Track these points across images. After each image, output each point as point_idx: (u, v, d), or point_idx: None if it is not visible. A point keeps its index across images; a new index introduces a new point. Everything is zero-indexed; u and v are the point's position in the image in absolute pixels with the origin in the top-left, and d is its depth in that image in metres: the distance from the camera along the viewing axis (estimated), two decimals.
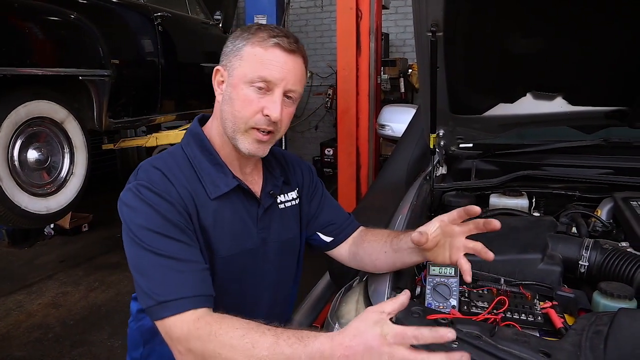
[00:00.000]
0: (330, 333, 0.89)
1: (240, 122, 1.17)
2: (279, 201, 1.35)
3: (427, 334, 0.80)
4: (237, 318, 0.98)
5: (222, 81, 1.22)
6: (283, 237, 1.35)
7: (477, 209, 1.11)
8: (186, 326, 0.99)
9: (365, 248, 1.39)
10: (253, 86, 1.15)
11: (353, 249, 1.44)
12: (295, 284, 1.49)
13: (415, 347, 0.83)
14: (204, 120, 1.32)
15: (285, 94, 1.18)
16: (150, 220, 1.09)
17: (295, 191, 1.41)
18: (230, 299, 1.18)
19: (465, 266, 1.12)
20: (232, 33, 1.26)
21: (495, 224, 1.09)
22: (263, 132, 1.18)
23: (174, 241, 1.09)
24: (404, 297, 0.89)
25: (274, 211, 1.33)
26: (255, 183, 1.31)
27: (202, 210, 1.18)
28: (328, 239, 1.46)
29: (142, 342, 1.38)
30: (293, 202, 1.40)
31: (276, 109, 1.15)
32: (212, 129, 1.27)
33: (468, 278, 1.11)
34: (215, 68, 1.23)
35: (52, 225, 5.33)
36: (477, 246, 1.13)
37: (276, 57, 1.15)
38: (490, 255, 1.11)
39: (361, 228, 1.48)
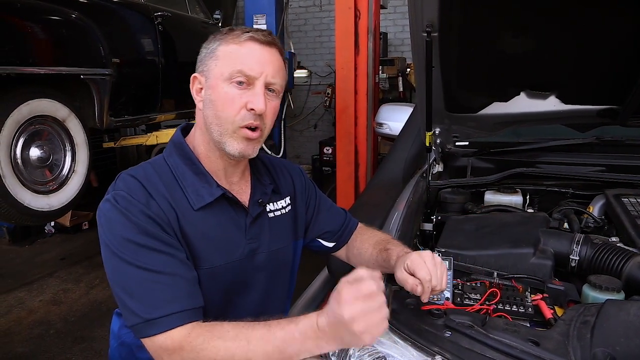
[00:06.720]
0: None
1: (226, 122, 1.12)
2: (268, 210, 1.29)
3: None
4: (226, 322, 0.99)
5: (201, 88, 1.17)
6: (273, 247, 1.28)
7: None
8: (177, 342, 0.97)
9: (355, 256, 1.43)
10: (233, 82, 1.11)
11: (346, 252, 1.48)
12: (289, 298, 1.44)
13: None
14: (187, 130, 1.27)
15: (267, 87, 1.13)
16: (131, 231, 1.04)
17: (287, 199, 1.35)
18: (215, 308, 1.12)
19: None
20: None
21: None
22: (250, 128, 1.13)
23: (157, 253, 1.04)
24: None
25: (264, 220, 1.27)
26: (243, 192, 1.26)
27: (184, 222, 1.12)
28: (330, 244, 1.46)
29: None
30: (283, 211, 1.33)
31: (260, 100, 1.10)
32: (196, 139, 1.22)
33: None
34: (192, 76, 1.18)
35: (52, 224, 5.35)
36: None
37: (252, 50, 1.12)
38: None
39: (357, 227, 1.49)
